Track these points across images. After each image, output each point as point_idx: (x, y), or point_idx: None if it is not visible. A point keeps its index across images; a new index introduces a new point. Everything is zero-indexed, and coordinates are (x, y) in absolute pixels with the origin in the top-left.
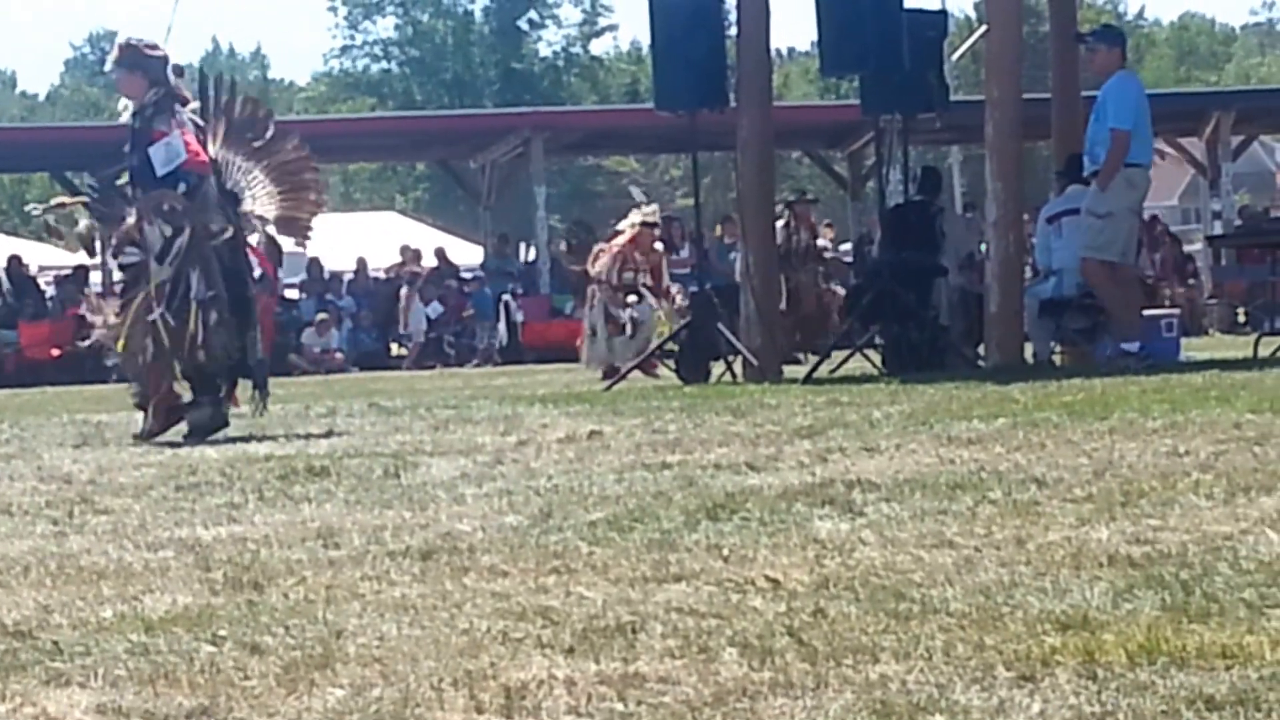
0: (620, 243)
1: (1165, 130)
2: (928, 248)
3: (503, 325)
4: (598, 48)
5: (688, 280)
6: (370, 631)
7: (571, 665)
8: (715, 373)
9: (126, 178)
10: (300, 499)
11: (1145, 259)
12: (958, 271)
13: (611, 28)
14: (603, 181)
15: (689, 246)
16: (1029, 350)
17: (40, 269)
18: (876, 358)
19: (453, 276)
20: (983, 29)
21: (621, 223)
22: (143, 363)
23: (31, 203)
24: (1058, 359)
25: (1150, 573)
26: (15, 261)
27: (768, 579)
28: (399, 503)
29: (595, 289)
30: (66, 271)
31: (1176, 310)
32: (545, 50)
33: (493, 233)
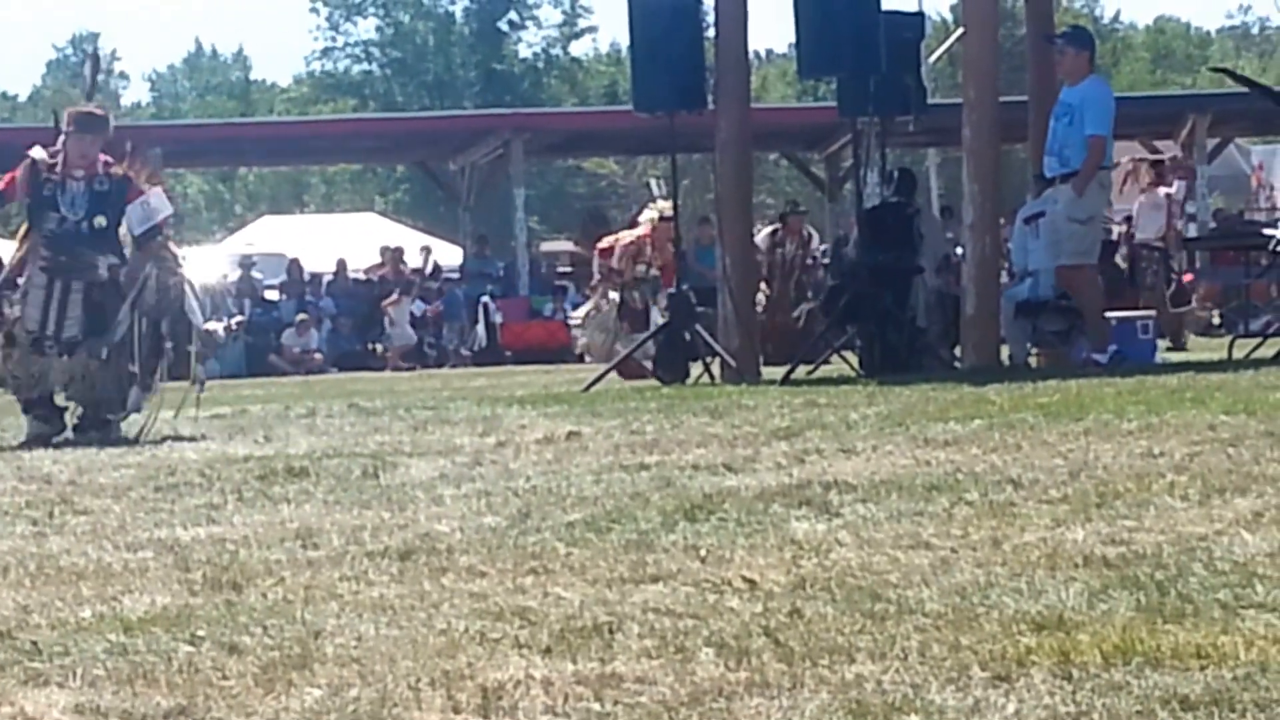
0: (636, 235)
1: (1141, 133)
2: (905, 249)
3: (481, 327)
4: (577, 49)
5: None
6: (348, 632)
7: (549, 665)
8: (693, 374)
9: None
10: (279, 499)
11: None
12: (934, 273)
13: (591, 29)
14: (582, 183)
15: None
16: (1005, 352)
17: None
18: (854, 359)
19: (437, 277)
20: (960, 32)
21: (641, 215)
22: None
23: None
24: (1034, 361)
25: (1125, 573)
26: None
27: (744, 579)
28: (377, 503)
29: (605, 278)
30: None
31: (1152, 313)
32: (525, 51)
33: (472, 234)
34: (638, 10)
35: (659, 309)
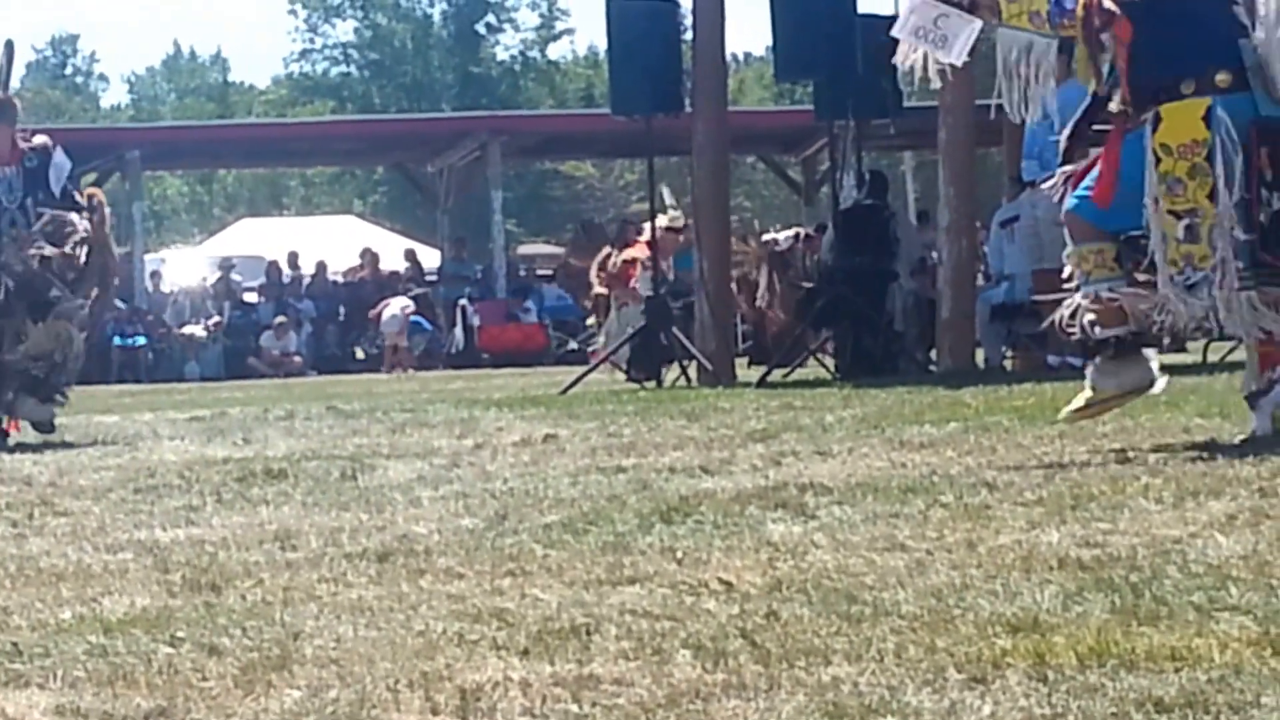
0: (642, 255)
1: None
2: (881, 253)
3: (459, 329)
4: (554, 52)
5: (641, 285)
6: (327, 633)
7: (526, 667)
8: (669, 376)
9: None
10: (258, 501)
11: None
12: (910, 276)
13: (568, 32)
14: (559, 186)
15: None
16: (980, 355)
17: None
18: (830, 362)
19: (419, 280)
20: None
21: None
22: None
23: None
24: (1009, 364)
25: (1100, 576)
26: None
27: (721, 581)
28: (356, 505)
29: (622, 299)
30: None
31: None
32: (503, 54)
33: (450, 237)
34: (615, 14)
35: None
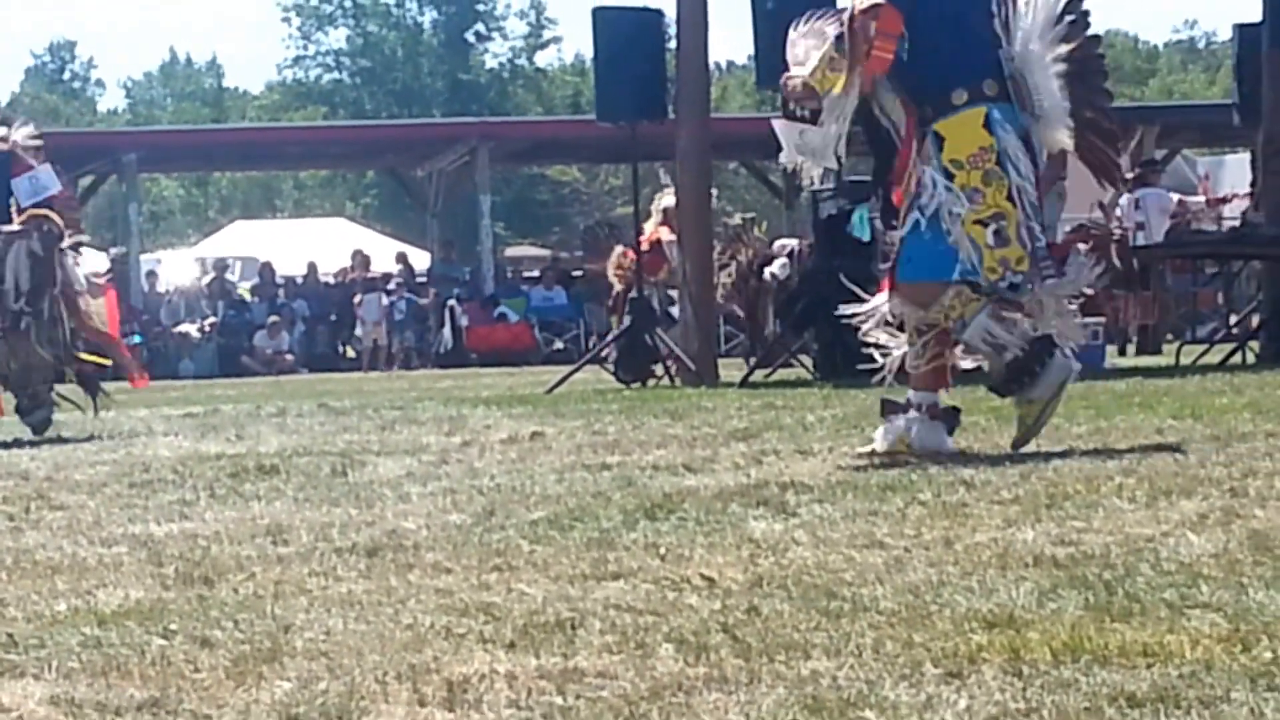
0: (665, 235)
1: None
2: (860, 257)
3: (448, 329)
4: (542, 60)
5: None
6: (317, 626)
7: (512, 660)
8: (654, 377)
9: None
10: (250, 496)
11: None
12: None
13: (556, 40)
14: (546, 190)
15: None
16: None
17: None
18: (810, 363)
19: (410, 282)
20: None
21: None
22: None
23: None
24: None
25: (1074, 573)
26: None
27: (703, 577)
28: (346, 501)
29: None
30: None
31: (1102, 319)
32: (491, 62)
33: (439, 239)
34: (601, 23)
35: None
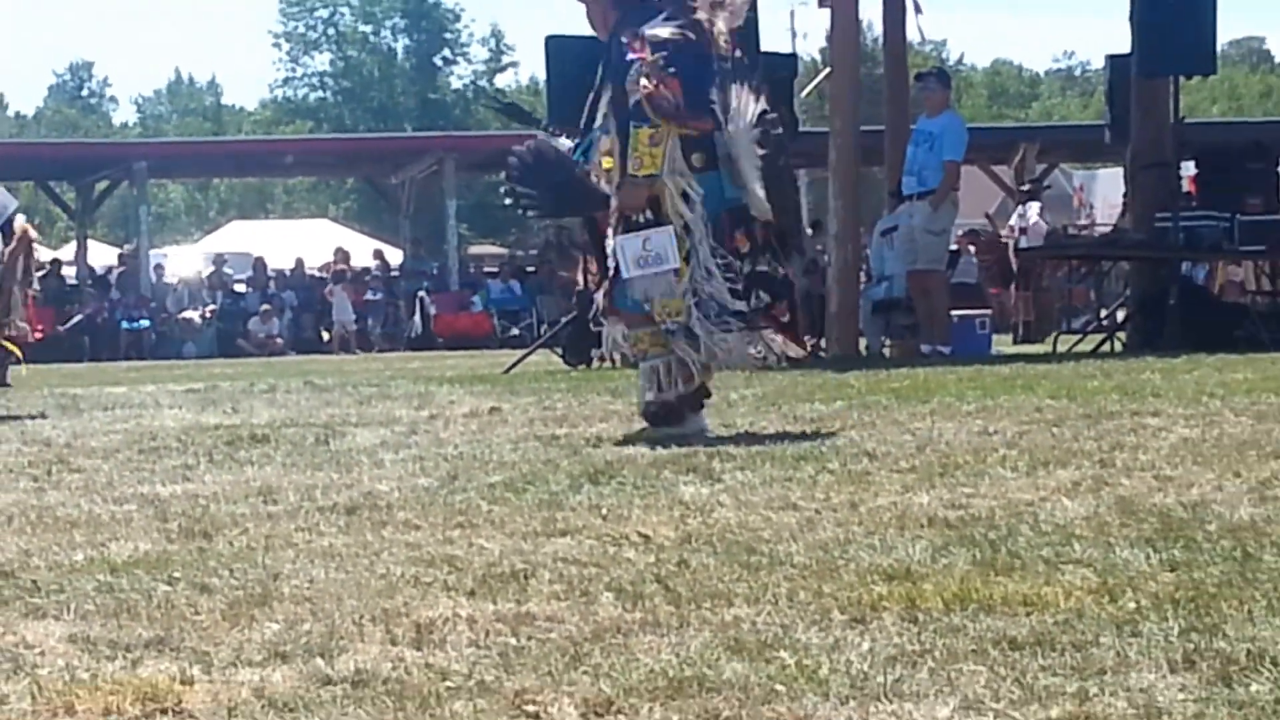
0: None
1: (980, 159)
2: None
3: (418, 317)
4: (502, 81)
5: (572, 281)
6: (302, 575)
7: (472, 605)
8: (597, 360)
9: None
10: (244, 462)
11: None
12: (803, 275)
13: (514, 64)
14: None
15: (576, 252)
16: (863, 344)
17: None
18: None
19: (384, 275)
20: (827, 71)
21: None
22: None
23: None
24: (887, 351)
25: (963, 533)
26: None
27: (639, 534)
28: (328, 466)
29: None
30: (47, 268)
31: (989, 311)
32: (457, 83)
33: (410, 239)
34: (553, 49)
35: None
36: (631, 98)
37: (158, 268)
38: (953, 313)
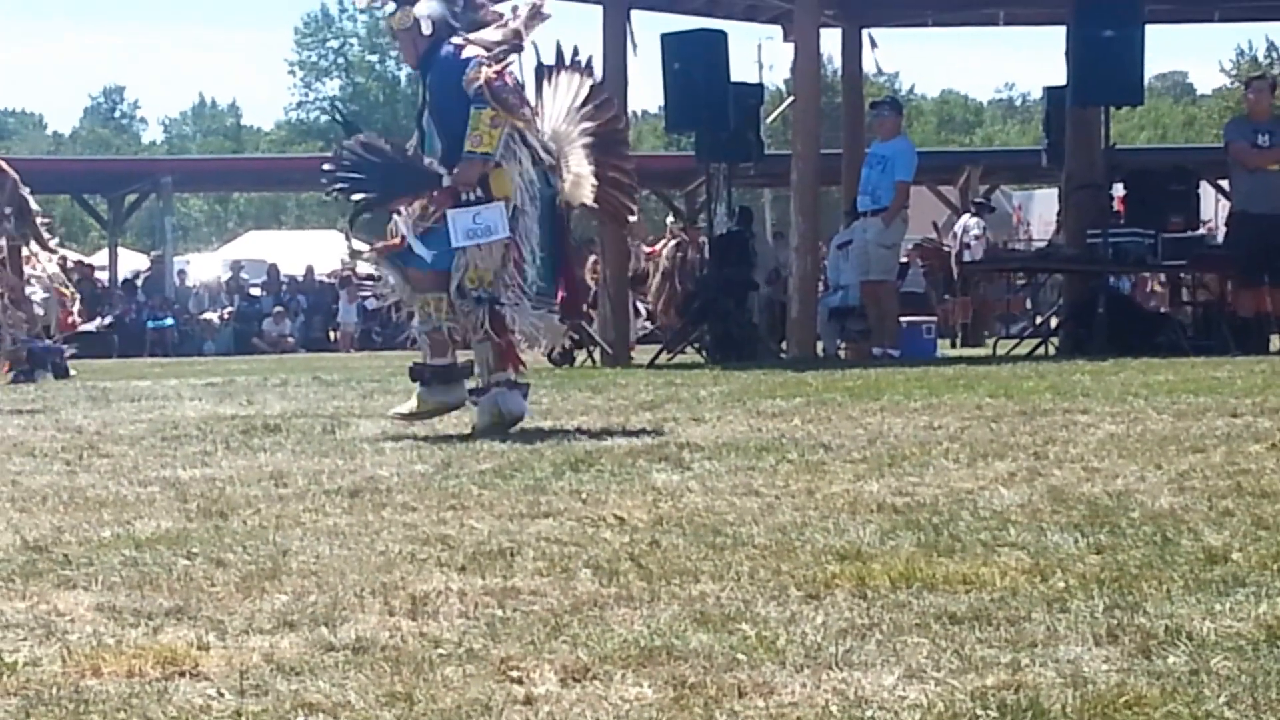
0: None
1: (928, 180)
2: (744, 266)
3: None
4: None
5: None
6: (309, 552)
7: (463, 580)
8: (579, 359)
9: None
10: (258, 449)
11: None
12: (766, 284)
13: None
14: None
15: None
16: (820, 346)
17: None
18: (704, 349)
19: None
20: (790, 99)
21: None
22: None
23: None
24: (842, 353)
25: (909, 518)
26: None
27: (615, 517)
28: (334, 453)
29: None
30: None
31: (934, 318)
32: None
33: None
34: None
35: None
36: (473, 86)
37: (181, 273)
38: (901, 319)
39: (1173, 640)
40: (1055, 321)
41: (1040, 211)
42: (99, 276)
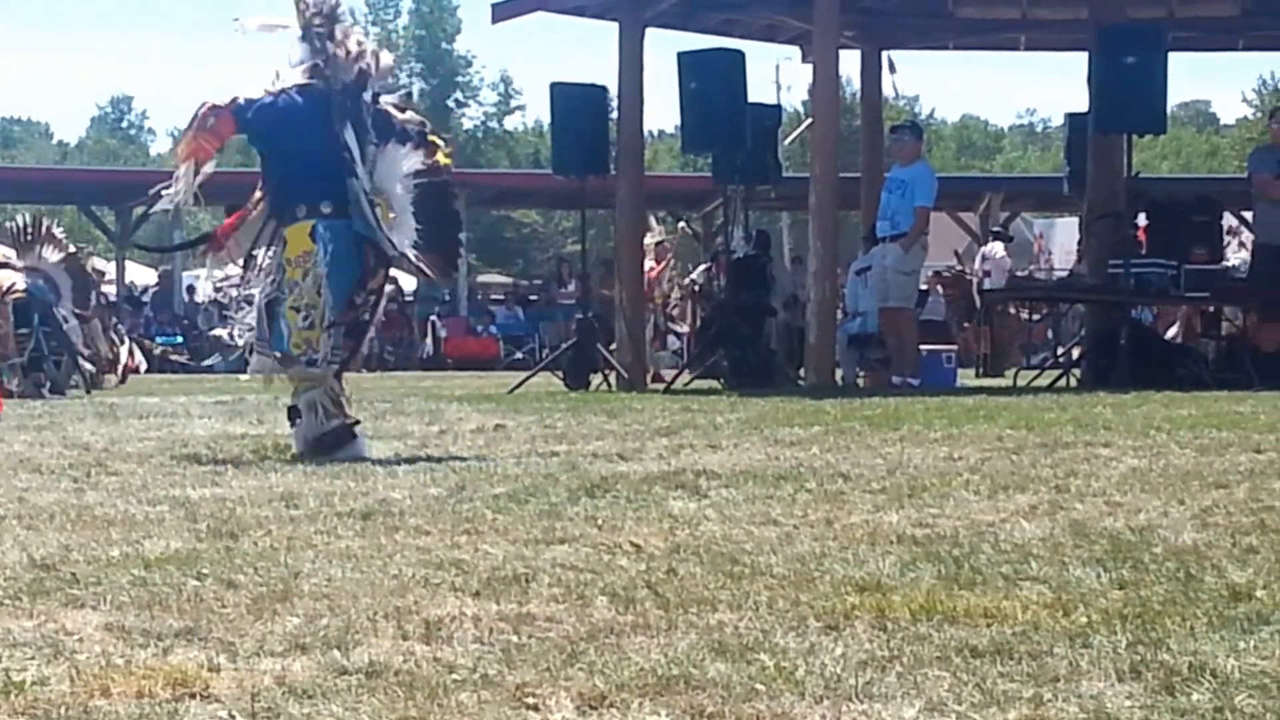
0: (651, 266)
1: (949, 206)
2: (761, 291)
3: (430, 340)
4: (510, 123)
5: (573, 309)
6: (321, 574)
7: (477, 605)
8: (595, 383)
9: None
10: (269, 469)
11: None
12: (784, 310)
13: (521, 107)
14: (511, 229)
15: (575, 282)
16: (839, 374)
17: None
18: (722, 376)
19: (399, 300)
20: (808, 121)
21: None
22: None
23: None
24: (861, 381)
25: (929, 549)
26: None
27: (632, 544)
28: (346, 475)
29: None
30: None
31: (955, 346)
32: (468, 124)
33: None
34: (557, 94)
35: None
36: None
37: (189, 289)
38: (921, 347)
39: (1196, 677)
40: (1077, 352)
41: (1061, 240)
42: (106, 290)
